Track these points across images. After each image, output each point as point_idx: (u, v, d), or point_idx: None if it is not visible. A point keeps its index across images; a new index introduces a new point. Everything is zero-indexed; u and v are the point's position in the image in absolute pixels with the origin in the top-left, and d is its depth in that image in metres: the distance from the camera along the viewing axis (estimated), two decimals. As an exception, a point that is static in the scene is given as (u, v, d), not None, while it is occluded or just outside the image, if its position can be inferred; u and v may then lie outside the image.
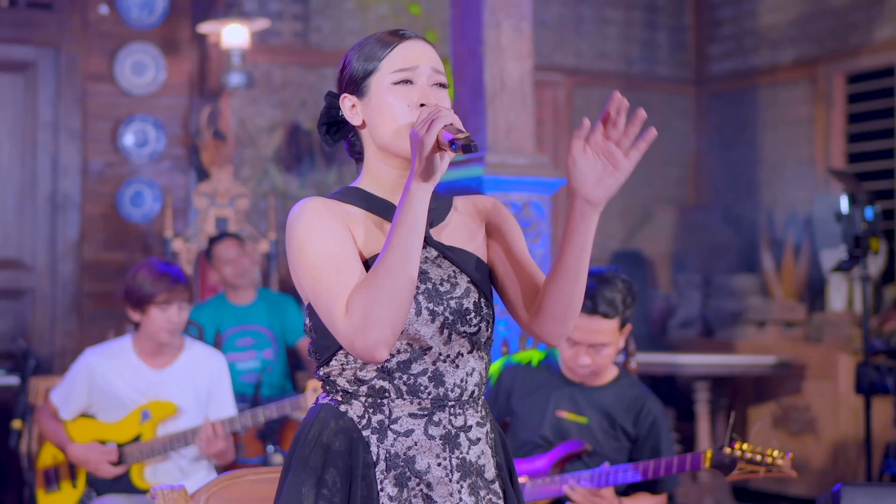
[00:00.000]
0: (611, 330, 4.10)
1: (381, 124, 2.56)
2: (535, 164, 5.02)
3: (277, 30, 8.56)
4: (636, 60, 9.79)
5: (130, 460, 4.94)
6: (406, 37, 2.58)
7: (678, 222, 9.44)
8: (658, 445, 4.17)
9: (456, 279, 2.54)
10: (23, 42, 7.90)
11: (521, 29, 5.03)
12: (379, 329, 2.35)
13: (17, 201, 7.89)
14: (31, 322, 7.91)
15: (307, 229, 2.47)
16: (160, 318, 4.89)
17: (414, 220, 2.38)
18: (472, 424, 2.56)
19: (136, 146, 8.00)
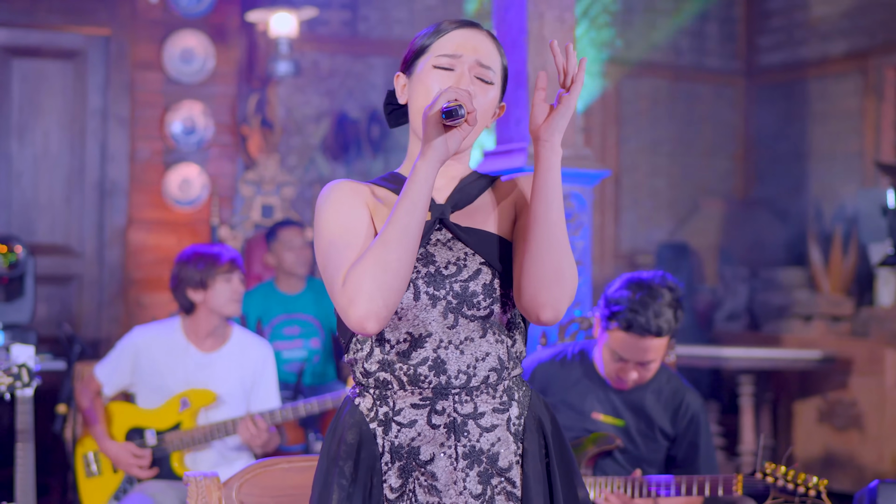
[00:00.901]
0: (662, 346, 4.04)
1: (414, 104, 2.58)
2: (576, 155, 4.99)
3: (325, 19, 8.57)
4: (685, 51, 9.73)
5: (171, 448, 4.97)
6: (468, 25, 2.59)
7: (726, 214, 9.38)
8: (696, 441, 4.11)
9: (465, 261, 2.51)
10: (73, 29, 7.95)
11: (564, 20, 5.00)
12: (369, 299, 2.36)
13: (65, 188, 7.95)
14: (78, 308, 7.98)
15: (327, 209, 2.52)
16: (226, 290, 4.98)
17: (415, 196, 2.39)
18: (486, 411, 2.53)
19: (184, 134, 8.03)
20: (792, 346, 7.94)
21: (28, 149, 7.88)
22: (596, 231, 9.24)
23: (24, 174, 7.86)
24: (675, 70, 9.66)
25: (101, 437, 5.01)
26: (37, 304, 7.40)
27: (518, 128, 5.00)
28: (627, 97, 9.53)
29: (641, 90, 9.57)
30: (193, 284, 4.98)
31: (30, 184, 7.88)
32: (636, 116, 9.52)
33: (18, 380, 4.56)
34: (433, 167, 2.41)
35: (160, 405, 5.02)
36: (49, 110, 7.93)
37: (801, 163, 9.30)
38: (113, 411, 5.10)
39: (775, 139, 9.57)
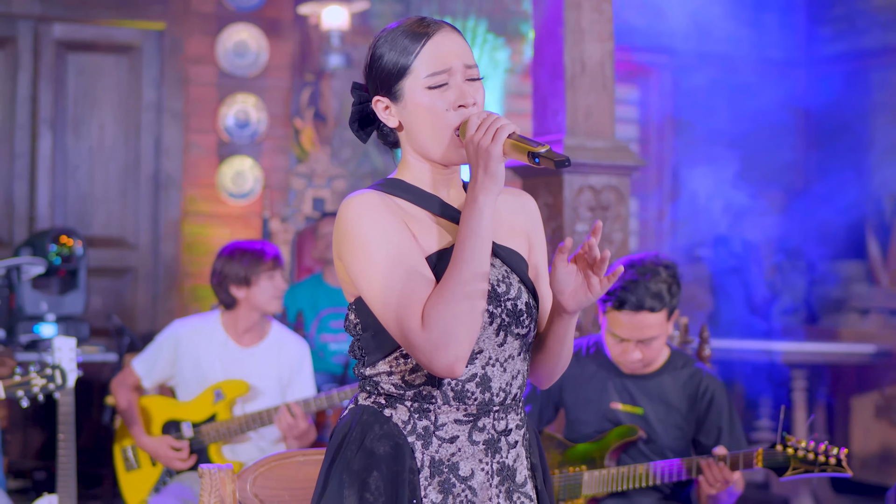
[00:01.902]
0: (658, 322, 4.02)
1: (420, 131, 2.50)
2: (613, 147, 4.96)
3: (379, 11, 8.57)
4: (743, 41, 9.62)
5: (207, 440, 4.99)
6: (434, 30, 2.49)
7: (784, 206, 9.27)
8: (720, 424, 4.07)
9: (509, 279, 2.50)
10: (127, 24, 8.01)
11: (602, 10, 4.96)
12: (459, 345, 2.32)
13: (120, 181, 8.02)
14: (133, 300, 8.04)
15: (369, 227, 2.41)
16: (269, 287, 5.00)
17: (483, 231, 2.35)
18: (512, 428, 2.53)
19: (238, 127, 8.07)
20: (849, 339, 7.83)
21: (84, 142, 7.95)
22: (652, 222, 9.17)
23: (79, 167, 7.93)
24: (733, 60, 9.54)
25: (138, 434, 5.04)
26: (90, 296, 7.48)
27: (555, 119, 4.97)
28: (684, 88, 9.43)
29: (698, 81, 9.47)
30: (237, 281, 5.00)
31: (85, 177, 7.95)
32: (693, 108, 9.43)
33: (52, 381, 4.58)
34: (494, 200, 2.37)
35: (195, 398, 5.04)
36: (104, 104, 8.00)
37: (861, 154, 9.17)
38: (149, 405, 5.13)
39: (835, 130, 9.44)
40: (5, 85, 7.80)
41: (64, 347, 4.90)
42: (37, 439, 7.43)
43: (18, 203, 7.81)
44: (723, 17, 9.48)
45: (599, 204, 4.92)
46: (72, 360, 4.89)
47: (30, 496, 7.10)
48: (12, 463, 7.19)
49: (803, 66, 9.75)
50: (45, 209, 7.84)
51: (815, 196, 9.38)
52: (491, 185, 2.35)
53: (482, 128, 2.37)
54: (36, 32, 7.85)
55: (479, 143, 2.36)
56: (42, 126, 7.83)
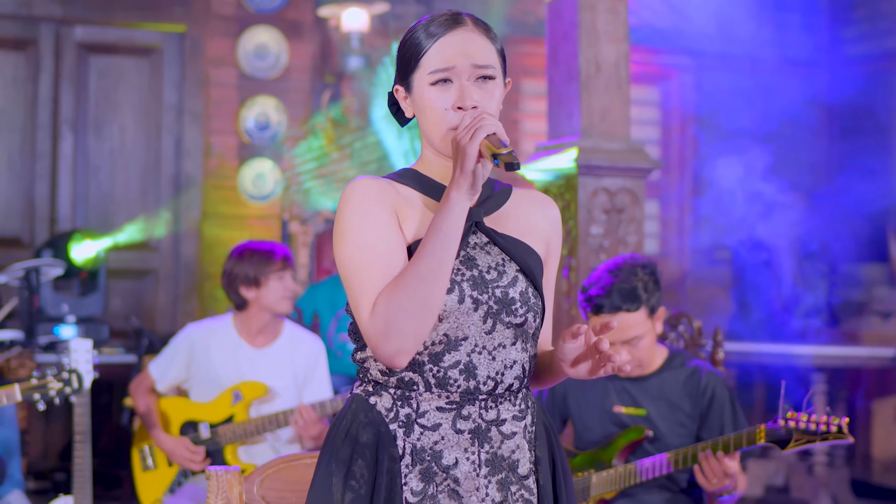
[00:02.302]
0: (639, 321, 4.02)
1: (426, 124, 2.53)
2: (628, 149, 4.94)
3: (399, 13, 8.56)
4: (766, 43, 9.58)
5: (224, 441, 5.00)
6: (452, 26, 2.50)
7: (805, 209, 9.23)
8: (723, 418, 4.07)
9: (504, 267, 2.49)
10: (148, 26, 8.03)
11: (617, 11, 4.94)
12: (401, 338, 2.34)
13: (140, 181, 8.04)
14: (154, 302, 8.06)
15: (353, 212, 2.45)
16: (279, 288, 4.99)
17: (449, 228, 2.36)
18: (507, 418, 2.50)
19: (258, 129, 8.08)
20: (871, 343, 7.79)
21: (105, 143, 7.98)
22: (673, 225, 9.14)
23: (100, 168, 7.96)
24: (755, 62, 9.50)
25: (157, 433, 5.05)
26: (109, 297, 7.51)
27: (569, 122, 4.95)
28: (707, 90, 9.40)
29: (720, 82, 9.44)
30: (246, 281, 5.00)
31: (106, 178, 7.98)
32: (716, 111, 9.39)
33: (68, 385, 4.60)
34: (468, 200, 2.38)
35: (213, 399, 5.05)
36: (125, 106, 8.02)
37: (883, 157, 9.11)
38: (167, 405, 5.14)
39: (857, 132, 9.39)
40: (27, 87, 7.83)
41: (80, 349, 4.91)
42: (57, 440, 7.46)
43: (39, 204, 7.84)
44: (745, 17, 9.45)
45: (614, 206, 4.90)
46: (88, 361, 4.91)
47: (49, 497, 7.12)
48: (33, 464, 7.21)
49: (826, 66, 9.70)
50: (66, 210, 7.87)
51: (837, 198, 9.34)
52: (464, 183, 2.36)
53: (466, 127, 2.38)
54: (57, 35, 7.88)
55: (458, 142, 2.37)
56: (63, 127, 7.87)
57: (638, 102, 8.96)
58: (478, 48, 2.50)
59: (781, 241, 9.06)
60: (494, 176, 2.63)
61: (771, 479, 7.42)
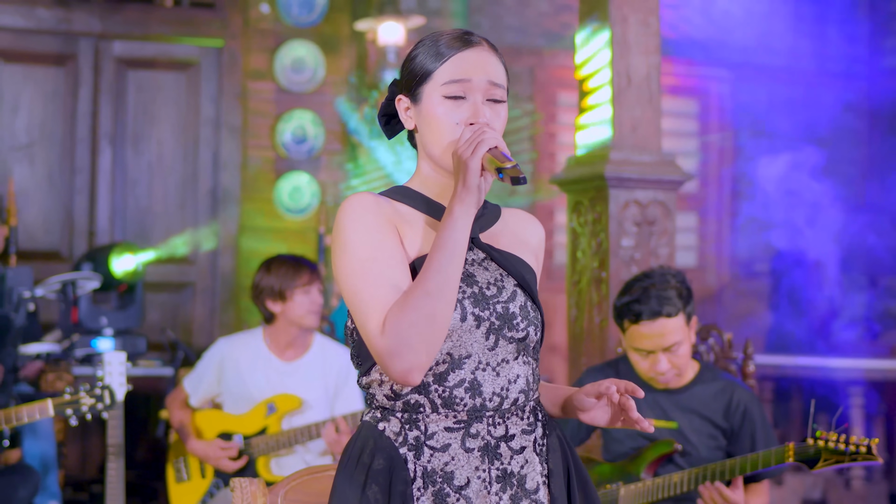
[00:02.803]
0: (678, 327, 4.00)
1: (430, 137, 2.50)
2: (659, 161, 4.92)
3: (435, 27, 8.57)
4: (805, 55, 9.53)
5: (256, 452, 5.01)
6: (469, 44, 2.51)
7: (846, 221, 9.16)
8: (754, 436, 4.05)
9: (503, 282, 2.49)
10: (186, 41, 8.09)
11: (649, 24, 4.93)
12: (414, 354, 2.32)
13: (178, 195, 8.09)
14: (191, 314, 8.10)
15: (354, 227, 2.42)
16: (305, 302, 4.99)
17: (455, 243, 2.35)
18: (516, 433, 2.49)
19: (295, 142, 8.11)
20: (910, 356, 7.73)
21: (143, 157, 8.03)
22: (712, 238, 9.10)
23: (138, 182, 8.01)
24: (794, 74, 9.45)
25: (188, 437, 5.08)
26: (147, 310, 7.55)
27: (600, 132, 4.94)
28: (744, 102, 9.36)
29: (759, 94, 9.39)
30: (272, 295, 5.01)
31: (144, 191, 8.03)
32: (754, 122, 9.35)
33: (100, 401, 4.63)
34: (472, 214, 2.37)
35: (247, 411, 5.06)
36: (163, 119, 8.07)
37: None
38: (202, 418, 5.16)
39: (898, 146, 9.32)
40: (67, 101, 7.90)
41: (114, 362, 4.95)
42: (95, 452, 7.49)
43: (78, 217, 7.90)
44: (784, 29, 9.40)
45: (645, 218, 4.89)
46: (121, 374, 4.94)
47: (87, 509, 7.17)
48: (70, 476, 7.25)
49: (865, 78, 9.63)
50: (104, 223, 7.93)
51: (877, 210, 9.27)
52: (467, 198, 2.35)
53: (467, 141, 2.37)
54: (97, 50, 7.94)
55: (460, 156, 2.37)
56: (102, 141, 7.92)
57: (676, 114, 8.94)
58: (494, 67, 2.51)
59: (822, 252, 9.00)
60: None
61: (808, 492, 7.36)
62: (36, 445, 5.76)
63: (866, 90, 9.64)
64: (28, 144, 7.85)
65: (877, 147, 9.57)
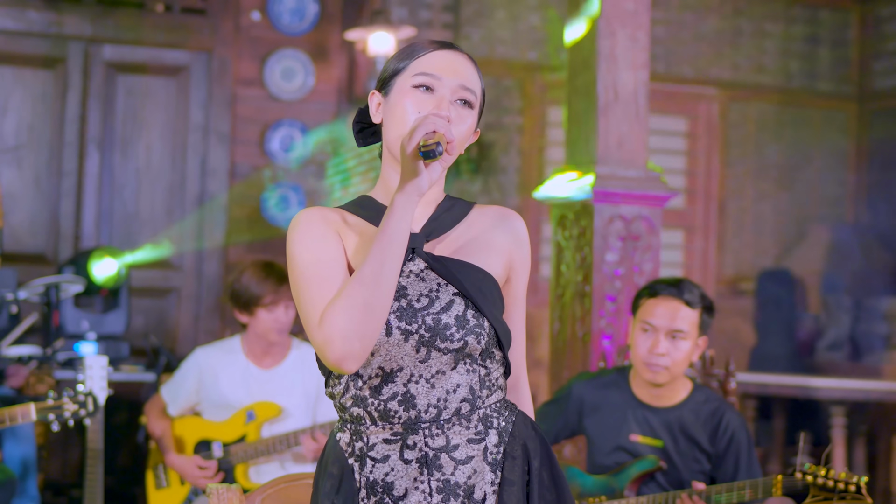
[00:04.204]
0: (691, 321, 4.05)
1: (390, 124, 2.50)
2: (646, 177, 4.92)
3: (426, 37, 8.58)
4: (795, 75, 9.55)
5: (235, 460, 5.00)
6: (446, 46, 2.52)
7: (832, 242, 9.17)
8: (738, 461, 4.04)
9: (438, 293, 2.45)
10: (176, 46, 8.08)
11: (637, 39, 4.93)
12: (346, 340, 2.32)
13: (165, 201, 8.07)
14: (176, 321, 8.08)
15: (298, 239, 2.45)
16: (268, 319, 4.95)
17: (393, 232, 2.34)
18: (460, 443, 2.46)
19: (283, 151, 8.10)
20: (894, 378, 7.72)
21: (130, 162, 8.02)
22: (698, 256, 9.10)
23: (126, 187, 8.00)
24: (785, 93, 9.48)
25: (169, 455, 5.06)
26: (132, 316, 7.53)
27: (587, 147, 4.94)
28: (734, 121, 9.37)
29: (749, 114, 9.41)
30: (238, 306, 5.00)
31: (131, 196, 8.01)
32: (743, 141, 9.37)
33: (83, 407, 4.61)
34: (412, 202, 2.34)
35: (227, 419, 5.05)
36: (152, 125, 8.06)
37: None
38: (181, 425, 5.15)
39: (887, 166, 9.34)
40: (55, 104, 7.88)
41: (95, 366, 4.94)
42: (75, 456, 7.47)
43: (64, 221, 7.88)
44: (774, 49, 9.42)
45: (630, 234, 4.89)
46: (102, 378, 4.92)
47: (66, 513, 7.15)
48: (50, 480, 7.23)
49: (855, 100, 9.65)
50: (90, 228, 7.91)
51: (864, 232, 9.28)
52: (409, 187, 2.33)
53: (410, 129, 2.35)
54: (86, 53, 7.93)
55: (402, 142, 2.35)
56: (90, 145, 7.91)
57: (664, 132, 8.95)
58: (467, 72, 2.51)
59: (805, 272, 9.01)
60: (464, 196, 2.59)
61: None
62: (16, 448, 5.74)
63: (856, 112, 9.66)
64: (15, 147, 7.83)
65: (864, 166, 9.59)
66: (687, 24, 8.80)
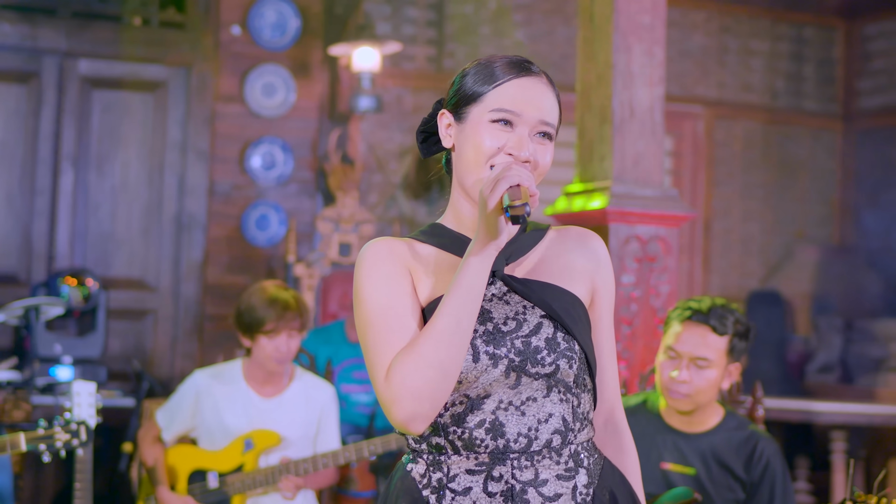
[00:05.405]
0: (717, 348, 3.88)
1: (466, 157, 2.38)
2: (663, 196, 4.75)
3: (410, 54, 8.42)
4: (781, 93, 9.46)
5: (232, 491, 4.80)
6: (527, 72, 2.38)
7: (821, 262, 9.06)
8: (774, 491, 3.88)
9: (525, 315, 2.34)
10: (155, 61, 7.86)
11: (654, 54, 4.77)
12: (416, 401, 2.21)
13: (142, 220, 7.84)
14: (153, 343, 7.85)
15: (366, 276, 2.34)
16: (268, 347, 4.75)
17: (470, 286, 2.24)
18: (549, 478, 2.32)
19: (264, 168, 7.89)
20: (888, 400, 7.62)
21: (107, 180, 7.79)
22: (684, 277, 8.97)
23: (101, 206, 7.76)
24: (770, 112, 9.38)
25: (161, 490, 4.83)
26: (108, 338, 7.30)
27: (601, 165, 4.77)
28: (720, 140, 9.26)
29: (735, 131, 9.30)
30: (241, 329, 4.81)
31: (107, 216, 7.78)
32: (729, 160, 9.25)
33: (76, 437, 4.40)
34: (490, 258, 2.26)
35: (223, 447, 4.84)
36: (129, 142, 7.83)
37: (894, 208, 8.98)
38: (175, 454, 4.93)
39: (874, 185, 9.25)
40: (29, 120, 7.64)
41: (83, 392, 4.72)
42: (49, 486, 7.21)
43: (37, 241, 7.63)
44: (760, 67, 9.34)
45: (646, 255, 4.72)
46: (91, 405, 4.72)
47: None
48: (24, 509, 6.98)
49: (841, 119, 9.57)
50: (64, 248, 7.67)
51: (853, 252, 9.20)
52: (485, 237, 2.23)
53: (490, 178, 2.25)
54: (62, 68, 7.71)
55: (482, 192, 2.24)
56: (64, 163, 7.67)
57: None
58: (549, 104, 2.39)
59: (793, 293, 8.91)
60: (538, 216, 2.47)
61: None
62: (-7, 478, 5.51)
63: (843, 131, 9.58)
64: (-13, 164, 7.59)
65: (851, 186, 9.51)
66: (673, 42, 8.66)
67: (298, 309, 4.79)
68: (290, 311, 4.74)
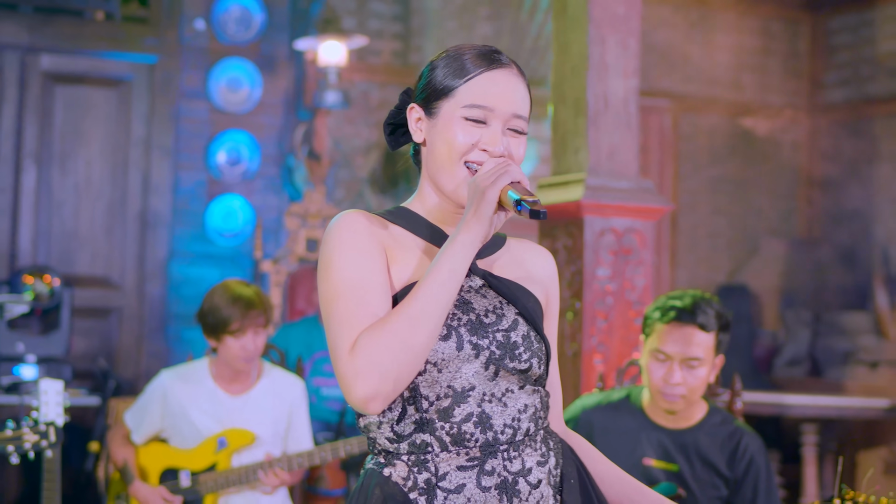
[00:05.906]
0: (706, 346, 3.82)
1: (438, 153, 2.35)
2: (638, 188, 4.72)
3: (377, 48, 8.36)
4: (748, 87, 9.46)
5: (204, 490, 4.73)
6: (497, 64, 2.34)
7: (787, 256, 9.08)
8: (757, 486, 3.84)
9: (502, 310, 2.32)
10: (118, 56, 7.76)
11: (628, 45, 4.73)
12: (381, 379, 2.14)
13: (106, 218, 7.75)
14: (118, 342, 7.76)
15: (339, 245, 2.28)
16: (235, 346, 4.68)
17: (452, 271, 2.20)
18: (532, 466, 2.30)
19: (229, 164, 7.81)
20: (856, 393, 7.63)
21: (70, 178, 7.69)
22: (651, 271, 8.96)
23: (64, 204, 7.67)
24: (736, 105, 9.38)
25: (132, 481, 4.76)
26: (73, 337, 7.22)
27: (576, 158, 4.73)
28: (686, 133, 9.26)
29: (700, 125, 9.30)
30: (206, 329, 4.73)
31: (70, 214, 7.68)
32: (695, 153, 9.25)
33: (45, 438, 4.32)
34: (478, 243, 2.23)
35: (195, 446, 4.77)
36: (92, 139, 7.74)
37: (867, 203, 8.99)
38: (146, 453, 4.85)
39: (840, 178, 9.27)
40: (-11, 117, 7.55)
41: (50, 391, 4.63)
42: (13, 488, 7.12)
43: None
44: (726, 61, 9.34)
45: (622, 247, 4.68)
46: (58, 404, 4.63)
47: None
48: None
49: (807, 112, 9.59)
50: (27, 246, 7.57)
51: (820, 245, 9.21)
52: (476, 227, 2.22)
53: (489, 171, 2.24)
54: (23, 63, 7.61)
55: (478, 184, 2.23)
56: (26, 160, 7.57)
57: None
58: (520, 97, 2.37)
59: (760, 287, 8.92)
60: None
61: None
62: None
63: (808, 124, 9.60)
64: (-52, 161, 7.49)
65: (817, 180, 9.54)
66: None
67: (262, 305, 4.72)
68: (254, 309, 4.67)
